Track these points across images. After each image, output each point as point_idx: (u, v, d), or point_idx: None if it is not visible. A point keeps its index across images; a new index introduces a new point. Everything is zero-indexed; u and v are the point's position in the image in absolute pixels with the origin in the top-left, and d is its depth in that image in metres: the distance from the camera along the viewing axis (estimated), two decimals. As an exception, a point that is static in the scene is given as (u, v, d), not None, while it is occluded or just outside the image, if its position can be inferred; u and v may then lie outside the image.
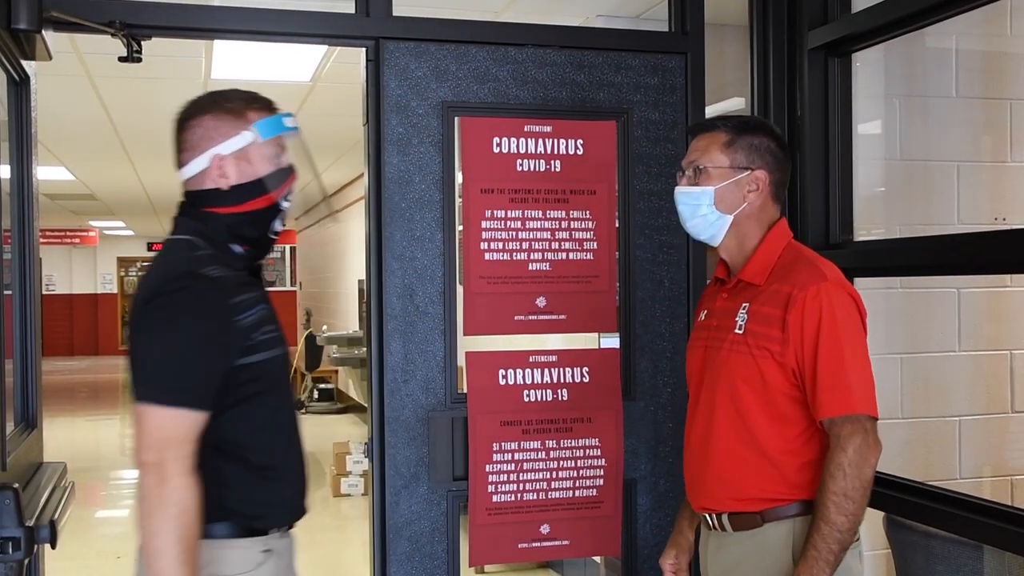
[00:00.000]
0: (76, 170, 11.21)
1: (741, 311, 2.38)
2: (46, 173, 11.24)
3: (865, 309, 2.34)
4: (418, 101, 3.15)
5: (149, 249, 23.41)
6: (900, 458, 3.53)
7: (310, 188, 13.58)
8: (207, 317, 2.08)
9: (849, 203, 3.31)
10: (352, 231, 13.30)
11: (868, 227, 3.51)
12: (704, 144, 2.43)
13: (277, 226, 2.29)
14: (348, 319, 13.61)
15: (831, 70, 3.28)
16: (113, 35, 2.92)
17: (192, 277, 2.10)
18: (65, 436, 11.70)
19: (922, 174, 3.69)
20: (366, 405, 12.21)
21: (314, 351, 13.92)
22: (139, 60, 2.99)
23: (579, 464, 3.24)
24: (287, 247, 23.05)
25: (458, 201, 3.21)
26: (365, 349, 10.41)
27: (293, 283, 22.70)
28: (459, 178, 3.21)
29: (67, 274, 23.81)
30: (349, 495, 8.56)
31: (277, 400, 2.24)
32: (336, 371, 14.05)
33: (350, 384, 13.60)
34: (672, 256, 3.35)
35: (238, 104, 2.23)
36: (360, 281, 12.42)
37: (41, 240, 19.25)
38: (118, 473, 10.32)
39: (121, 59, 2.98)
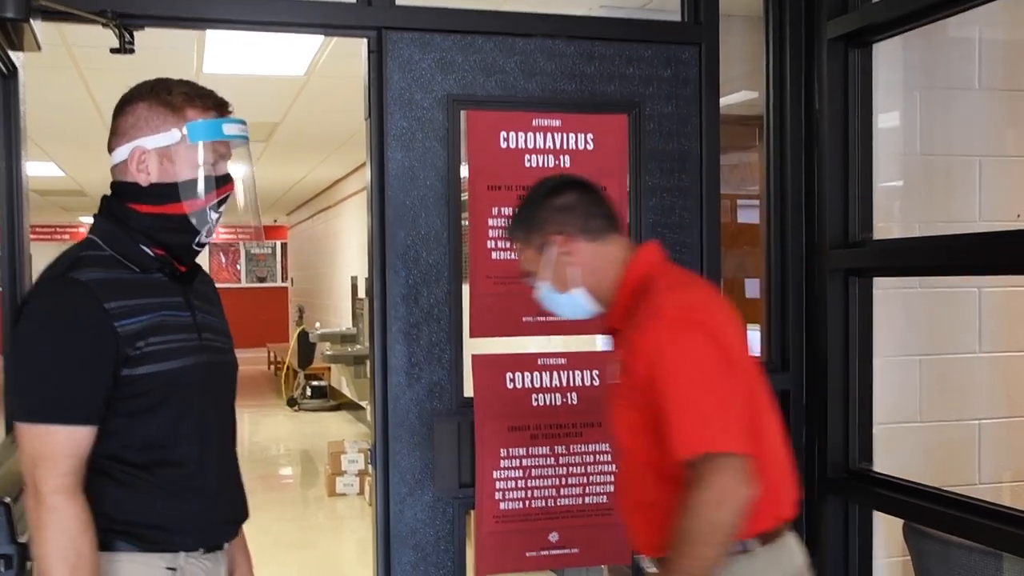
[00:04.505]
0: (65, 166, 11.07)
1: (617, 360, 2.28)
2: (35, 169, 11.09)
3: (726, 334, 2.14)
4: (422, 94, 3.04)
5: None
6: (918, 463, 3.44)
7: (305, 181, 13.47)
8: (73, 324, 1.91)
9: (868, 200, 3.25)
10: (345, 227, 13.20)
11: (886, 224, 3.40)
12: (518, 250, 2.38)
13: (201, 238, 2.08)
14: (341, 316, 13.52)
15: (850, 61, 3.21)
16: (105, 25, 2.80)
17: (57, 281, 1.95)
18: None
19: (943, 169, 3.59)
20: (359, 402, 12.20)
21: (307, 348, 13.84)
22: (132, 51, 2.86)
23: (589, 470, 3.15)
24: (278, 243, 22.93)
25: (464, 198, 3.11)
26: (358, 346, 10.35)
27: (284, 279, 22.58)
28: (465, 174, 3.10)
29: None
30: (344, 494, 8.45)
31: (179, 415, 2.03)
32: (329, 368, 13.97)
33: (343, 381, 13.52)
34: (685, 256, 3.25)
35: (178, 98, 2.03)
36: (353, 277, 12.31)
37: (32, 236, 19.22)
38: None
39: (113, 50, 2.85)
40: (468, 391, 3.10)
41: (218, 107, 2.07)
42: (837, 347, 3.27)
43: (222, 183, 2.09)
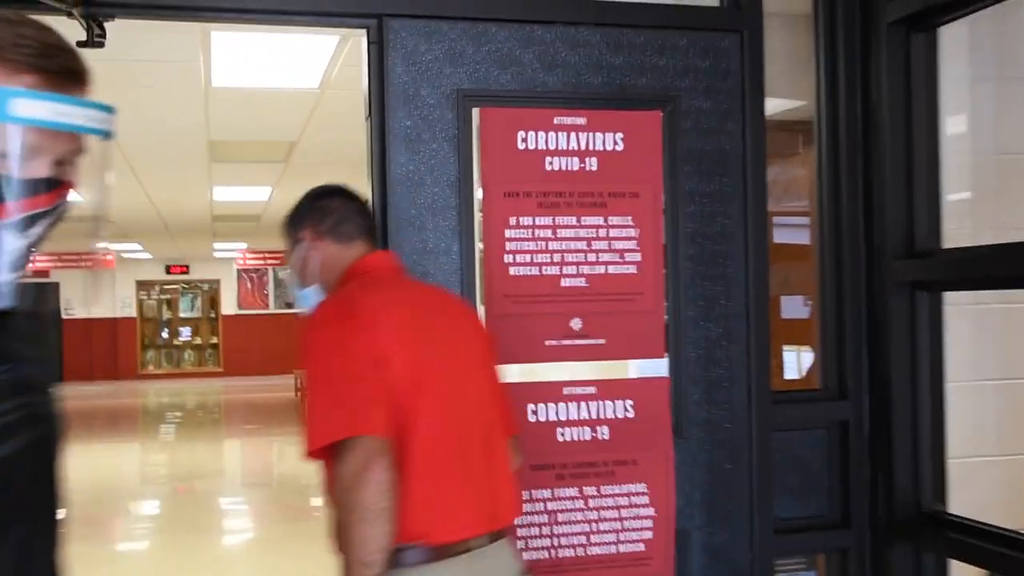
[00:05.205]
0: (83, 191, 10.89)
1: None
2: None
3: (399, 334, 2.12)
4: (429, 89, 2.76)
5: (167, 272, 23.23)
6: (996, 503, 3.12)
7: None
8: None
9: (936, 204, 2.99)
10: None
11: (955, 232, 3.07)
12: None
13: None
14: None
15: (913, 47, 2.93)
16: (69, 15, 2.52)
17: None
18: (83, 464, 11.33)
19: (1017, 170, 3.27)
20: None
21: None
22: (101, 45, 2.60)
23: (623, 514, 2.86)
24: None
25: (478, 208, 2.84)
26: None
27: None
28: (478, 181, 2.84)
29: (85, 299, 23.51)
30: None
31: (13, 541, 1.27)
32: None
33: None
34: (728, 268, 2.95)
35: None
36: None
37: (58, 264, 19.05)
38: (138, 504, 9.97)
39: (80, 44, 2.55)
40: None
41: (68, 74, 1.31)
42: (903, 371, 2.99)
43: (33, 190, 1.32)
